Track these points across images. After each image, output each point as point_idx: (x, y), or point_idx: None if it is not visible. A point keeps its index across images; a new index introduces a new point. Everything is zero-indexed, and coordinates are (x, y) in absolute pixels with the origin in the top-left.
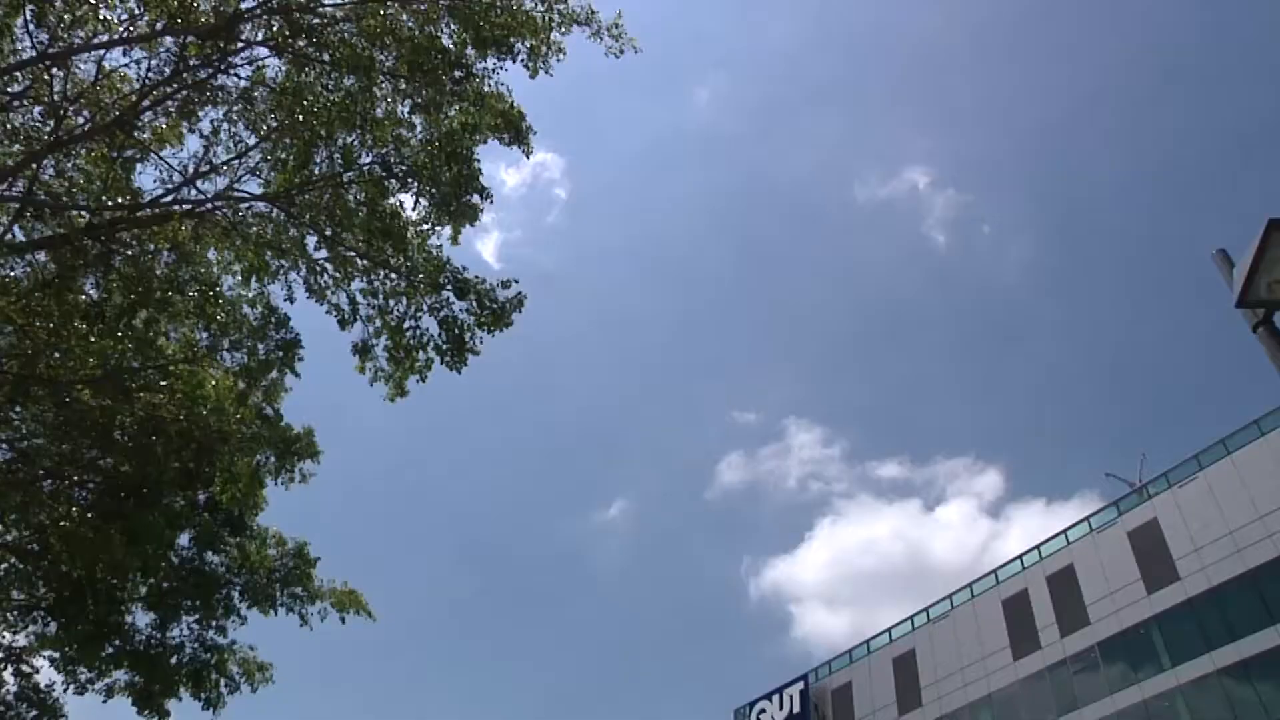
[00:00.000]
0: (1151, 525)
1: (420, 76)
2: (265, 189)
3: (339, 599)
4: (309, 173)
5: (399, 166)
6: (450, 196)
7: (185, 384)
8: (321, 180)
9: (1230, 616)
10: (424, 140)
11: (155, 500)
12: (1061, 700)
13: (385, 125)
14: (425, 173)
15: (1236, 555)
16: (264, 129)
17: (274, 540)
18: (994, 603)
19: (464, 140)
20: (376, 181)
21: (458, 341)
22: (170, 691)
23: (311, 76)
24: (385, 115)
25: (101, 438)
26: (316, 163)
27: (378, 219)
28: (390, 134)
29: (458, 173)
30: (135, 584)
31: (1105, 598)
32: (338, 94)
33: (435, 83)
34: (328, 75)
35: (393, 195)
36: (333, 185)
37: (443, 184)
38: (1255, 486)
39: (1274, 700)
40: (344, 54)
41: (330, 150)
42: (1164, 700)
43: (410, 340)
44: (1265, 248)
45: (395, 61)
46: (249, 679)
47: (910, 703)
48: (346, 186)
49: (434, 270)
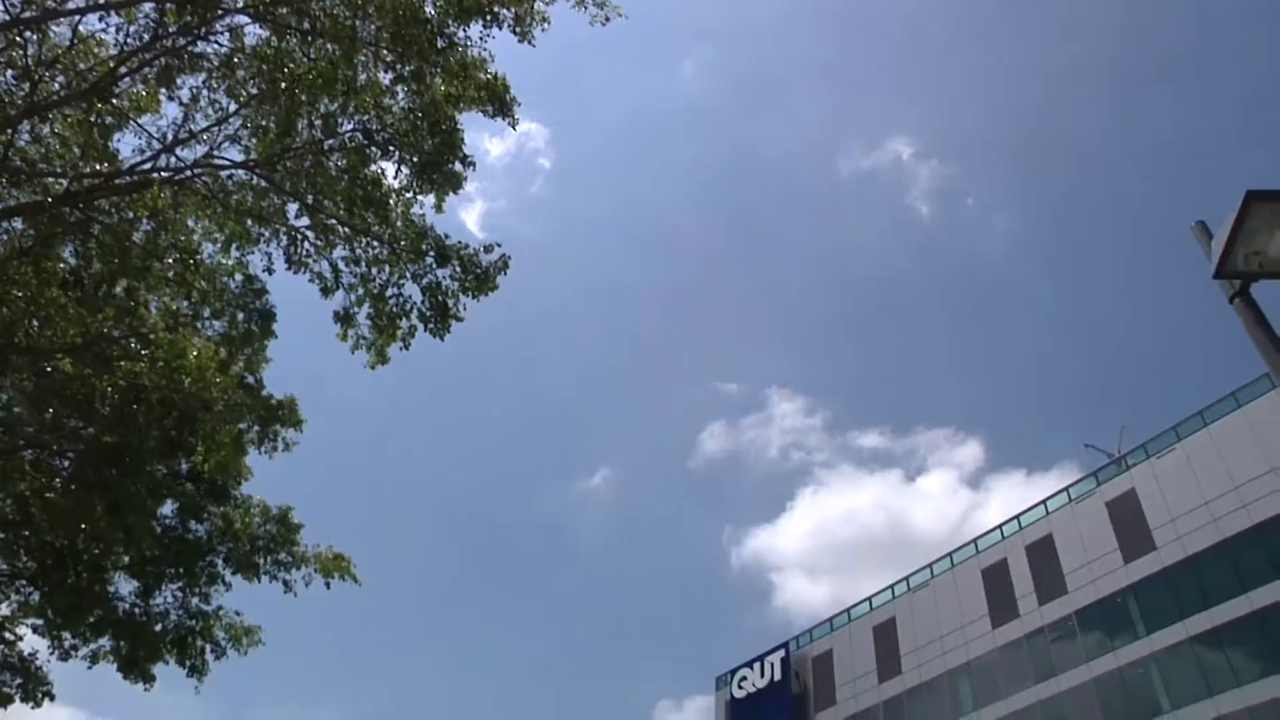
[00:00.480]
0: (1129, 496)
1: (402, 46)
2: (246, 156)
3: (324, 564)
4: (290, 140)
5: (380, 134)
6: (432, 164)
7: (166, 352)
8: (303, 148)
9: (1204, 585)
10: (406, 109)
11: (137, 469)
12: (1039, 668)
13: (367, 94)
14: (407, 140)
15: (1212, 525)
16: (244, 96)
17: (258, 509)
18: (973, 572)
19: (446, 111)
20: (358, 149)
21: (441, 308)
22: (155, 658)
23: (293, 44)
24: (367, 84)
25: (82, 407)
26: (298, 130)
27: (359, 186)
28: (372, 103)
29: (440, 141)
30: (118, 553)
31: (1083, 567)
32: (320, 62)
33: (418, 53)
34: (309, 44)
35: (374, 163)
36: (314, 153)
37: (424, 151)
38: (1231, 457)
39: (1244, 666)
40: (325, 23)
41: (311, 118)
42: (1138, 667)
43: (393, 307)
44: (1243, 219)
45: (377, 30)
46: (237, 643)
47: (890, 670)
48: (328, 154)
49: (416, 237)
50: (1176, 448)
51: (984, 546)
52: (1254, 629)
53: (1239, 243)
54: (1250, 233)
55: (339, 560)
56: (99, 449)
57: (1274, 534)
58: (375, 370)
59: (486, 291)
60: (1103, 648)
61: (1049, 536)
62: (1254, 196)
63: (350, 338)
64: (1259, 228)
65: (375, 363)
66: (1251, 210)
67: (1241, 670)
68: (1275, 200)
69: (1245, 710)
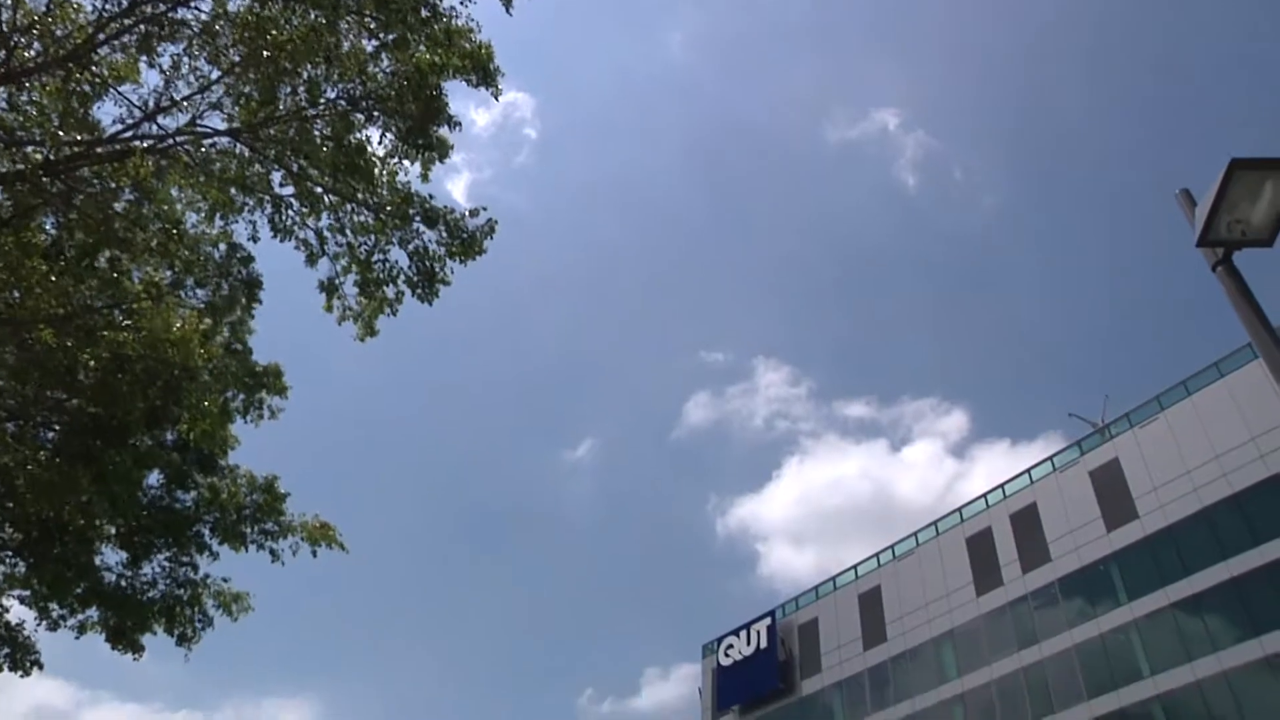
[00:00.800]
0: (1112, 465)
1: (386, 13)
2: (229, 124)
3: (311, 533)
4: (273, 108)
5: (365, 100)
6: (417, 128)
7: (150, 322)
8: (287, 115)
9: (1184, 553)
10: (390, 74)
11: (123, 440)
12: (1022, 635)
13: (350, 61)
14: (391, 105)
15: (1193, 494)
16: (226, 64)
17: (244, 478)
18: (958, 540)
19: (430, 79)
20: (342, 115)
21: (428, 273)
22: (143, 627)
23: (275, 10)
24: (351, 52)
25: (65, 379)
26: (281, 97)
27: (344, 153)
28: (355, 70)
29: (424, 105)
30: (105, 524)
31: (1066, 535)
32: (302, 28)
33: (401, 20)
34: (291, 10)
35: (359, 129)
36: (298, 119)
37: (408, 115)
38: (1213, 427)
39: (1221, 632)
40: None
41: (295, 85)
42: (1120, 634)
43: (380, 274)
44: (1226, 187)
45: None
46: (226, 610)
47: (875, 637)
48: (312, 121)
49: (402, 201)
50: (1159, 417)
51: (968, 515)
52: (1232, 595)
53: (1222, 210)
54: (1234, 200)
55: (325, 529)
56: (83, 421)
57: (1253, 502)
58: (364, 342)
59: (474, 256)
60: (1085, 615)
61: (1033, 505)
62: (1238, 164)
63: (336, 309)
64: (1243, 195)
65: (364, 334)
66: (1235, 178)
67: (1219, 635)
68: (1259, 168)
69: (1222, 674)
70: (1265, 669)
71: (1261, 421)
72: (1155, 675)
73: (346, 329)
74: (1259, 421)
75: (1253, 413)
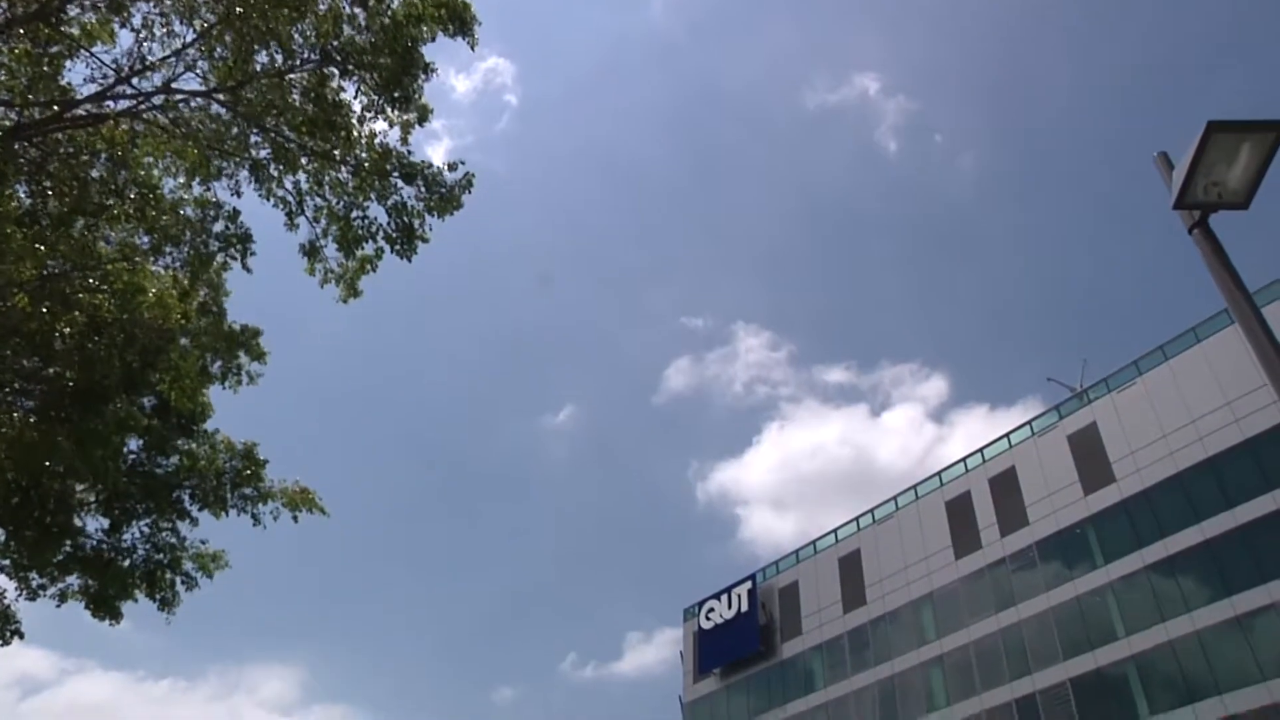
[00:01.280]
0: (1090, 429)
1: None
2: (205, 86)
3: (291, 498)
4: (249, 66)
5: (339, 54)
6: (393, 80)
7: (124, 283)
8: (262, 74)
9: (1160, 516)
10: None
11: (101, 406)
12: (1000, 597)
13: (326, 20)
14: (367, 58)
15: (1169, 458)
16: (200, 23)
17: (223, 445)
18: (937, 504)
19: (407, 30)
20: (316, 70)
21: (407, 229)
22: (125, 594)
23: None
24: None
25: (42, 346)
26: (256, 56)
27: (322, 109)
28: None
29: (400, 57)
30: (85, 490)
31: (1044, 499)
32: None
33: None
34: None
35: (334, 81)
36: (274, 77)
37: (384, 67)
38: (1189, 392)
39: (1194, 593)
40: None
41: (270, 42)
42: (1096, 596)
43: (359, 230)
44: (1203, 149)
45: None
46: (204, 570)
47: (855, 600)
48: (287, 78)
49: (379, 157)
50: (1137, 382)
51: (948, 479)
52: (1205, 557)
53: (1199, 173)
54: (1210, 163)
55: (305, 494)
56: (60, 387)
57: (1227, 466)
58: (347, 304)
59: (452, 210)
60: (1061, 577)
61: (1011, 469)
62: (1215, 126)
63: (318, 272)
64: (1219, 158)
65: (346, 296)
66: (1212, 140)
67: (1192, 596)
68: (1236, 130)
69: (1194, 634)
70: (1236, 628)
71: (1237, 386)
72: (1130, 636)
73: (326, 296)
74: (1234, 386)
75: (1228, 377)
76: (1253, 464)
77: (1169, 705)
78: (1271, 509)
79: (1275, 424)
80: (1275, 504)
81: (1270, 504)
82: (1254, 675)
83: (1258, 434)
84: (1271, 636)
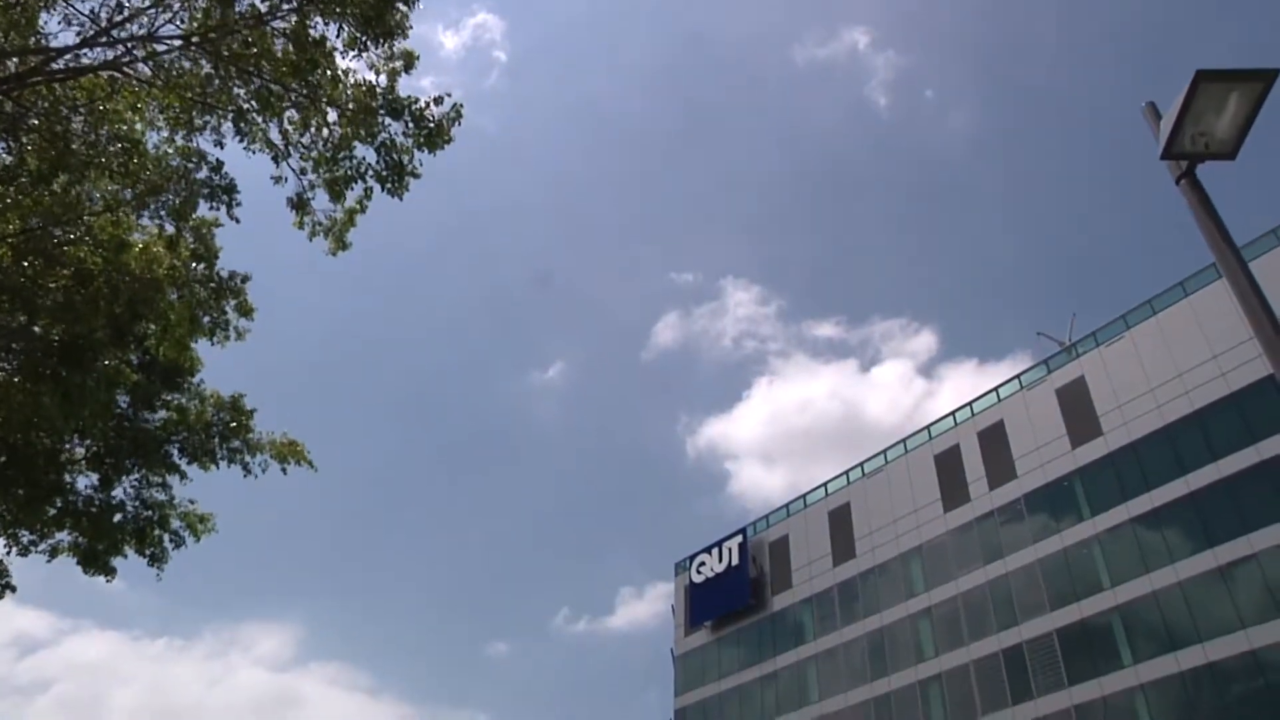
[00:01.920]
0: (1078, 383)
1: None
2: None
3: (279, 450)
4: (230, 13)
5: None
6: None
7: (109, 235)
8: (241, 21)
9: (1146, 468)
10: None
11: (89, 362)
12: (987, 550)
13: None
14: None
15: (1156, 411)
16: None
17: (210, 398)
18: (926, 458)
19: None
20: (297, 10)
21: (396, 166)
22: (115, 550)
23: None
24: None
25: (27, 303)
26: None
27: (302, 51)
28: None
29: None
30: (74, 446)
31: (1032, 452)
32: None
33: None
34: None
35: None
36: (254, 24)
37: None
38: (1176, 346)
39: (1177, 544)
40: None
41: None
42: (1082, 548)
43: (347, 170)
44: (1191, 98)
45: None
46: (192, 531)
47: (845, 553)
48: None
49: (364, 94)
50: (1125, 336)
51: (937, 433)
52: (1189, 509)
53: (1187, 123)
54: (1198, 113)
55: (293, 446)
56: (47, 343)
57: (1213, 419)
58: (336, 256)
59: (441, 145)
60: (1049, 529)
61: (1000, 423)
62: (1203, 75)
63: (307, 225)
64: (1207, 107)
65: (335, 249)
66: (1201, 90)
67: (1175, 547)
68: (1224, 80)
69: (1177, 585)
70: (1218, 579)
71: (1224, 340)
72: (1115, 587)
73: (315, 251)
74: (1221, 340)
75: (1215, 331)
76: (1238, 417)
77: (1152, 654)
78: (1255, 461)
79: (1260, 377)
80: (1259, 456)
81: (1254, 456)
82: (1234, 624)
83: (1243, 387)
84: (1252, 586)
